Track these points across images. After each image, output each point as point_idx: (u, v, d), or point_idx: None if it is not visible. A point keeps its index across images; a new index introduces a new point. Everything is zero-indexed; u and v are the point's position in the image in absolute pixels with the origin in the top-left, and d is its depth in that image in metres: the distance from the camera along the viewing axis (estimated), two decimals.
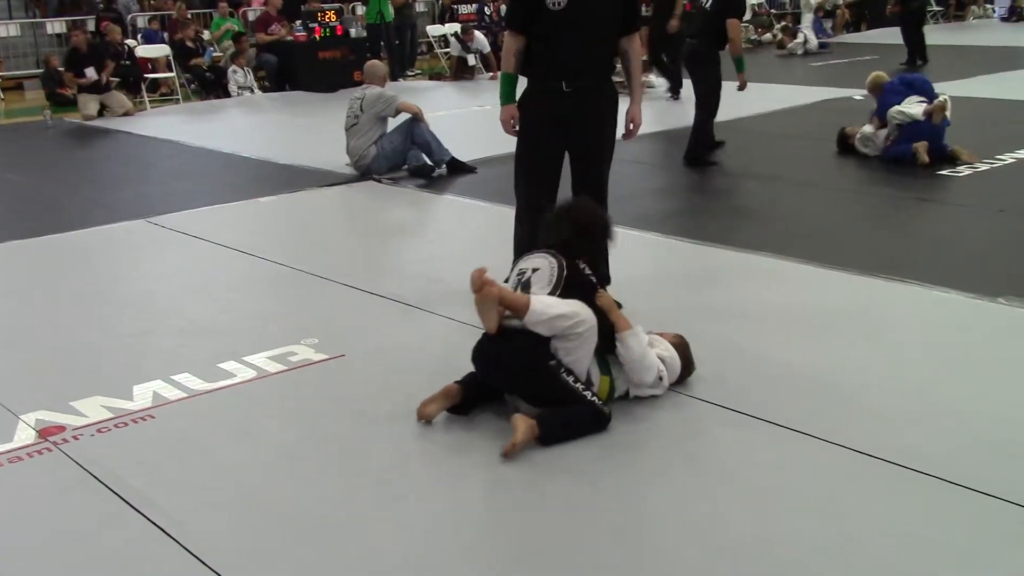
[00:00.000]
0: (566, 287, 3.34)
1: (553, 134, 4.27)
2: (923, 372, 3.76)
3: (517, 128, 4.33)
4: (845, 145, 8.11)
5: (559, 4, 4.05)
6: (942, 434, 3.25)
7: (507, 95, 4.32)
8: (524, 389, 3.32)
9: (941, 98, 7.69)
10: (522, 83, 4.35)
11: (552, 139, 4.28)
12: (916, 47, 14.74)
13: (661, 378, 3.47)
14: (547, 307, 3.23)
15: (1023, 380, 3.67)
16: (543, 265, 3.42)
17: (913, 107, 7.64)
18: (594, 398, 3.29)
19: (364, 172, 7.69)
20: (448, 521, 2.87)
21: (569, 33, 4.10)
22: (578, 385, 3.26)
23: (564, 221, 3.50)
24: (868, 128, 7.92)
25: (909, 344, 4.05)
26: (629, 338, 3.37)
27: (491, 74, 14.33)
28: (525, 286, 3.38)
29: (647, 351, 3.42)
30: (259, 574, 2.60)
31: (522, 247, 4.36)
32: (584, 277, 3.41)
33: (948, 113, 7.61)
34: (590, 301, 3.33)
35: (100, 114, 11.63)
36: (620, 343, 3.38)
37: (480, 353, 3.40)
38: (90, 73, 11.54)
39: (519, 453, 3.12)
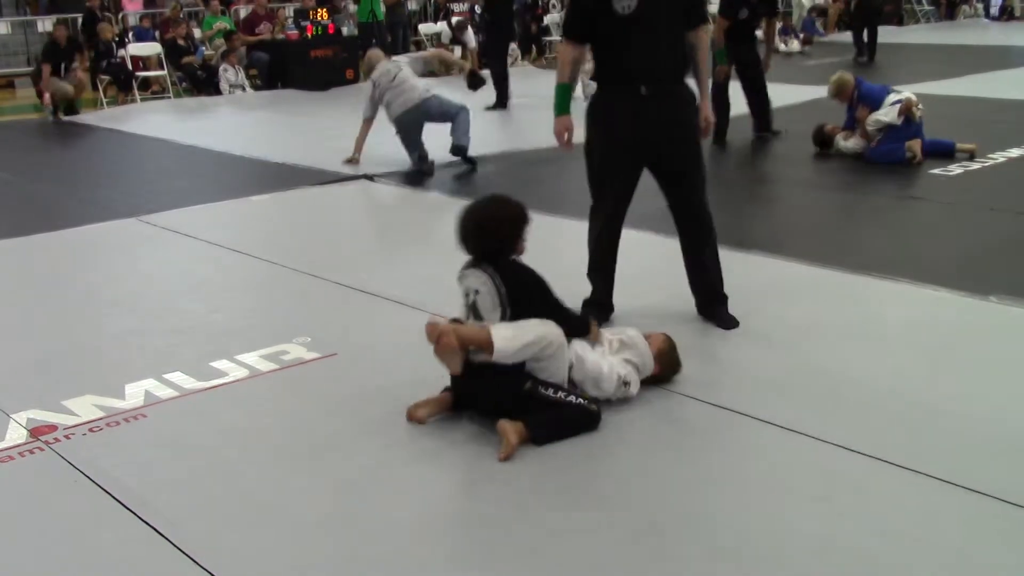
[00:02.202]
0: (513, 302, 3.27)
1: (633, 141, 4.06)
2: (914, 370, 3.77)
3: (569, 140, 4.17)
4: (824, 143, 8.12)
5: (628, 8, 3.91)
6: (934, 432, 3.26)
7: (560, 106, 4.15)
8: (508, 415, 3.22)
9: (907, 96, 7.78)
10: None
11: (632, 146, 4.08)
12: (867, 44, 15.58)
13: (627, 384, 3.41)
14: (510, 340, 3.16)
15: (1015, 379, 3.68)
16: (482, 288, 3.31)
17: (888, 113, 7.67)
18: (580, 400, 3.28)
19: (413, 110, 7.64)
20: (442, 520, 2.88)
21: (642, 35, 3.94)
22: (560, 394, 3.24)
23: (468, 225, 3.37)
24: (852, 143, 7.92)
25: (900, 342, 4.06)
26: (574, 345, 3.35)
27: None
28: (475, 310, 3.33)
29: (587, 367, 3.34)
30: (252, 572, 2.59)
31: (596, 271, 4.32)
32: (526, 279, 3.33)
33: (919, 110, 7.69)
34: (544, 300, 3.32)
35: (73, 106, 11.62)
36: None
37: (454, 390, 3.39)
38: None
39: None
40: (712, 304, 4.26)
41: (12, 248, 5.89)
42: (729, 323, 4.19)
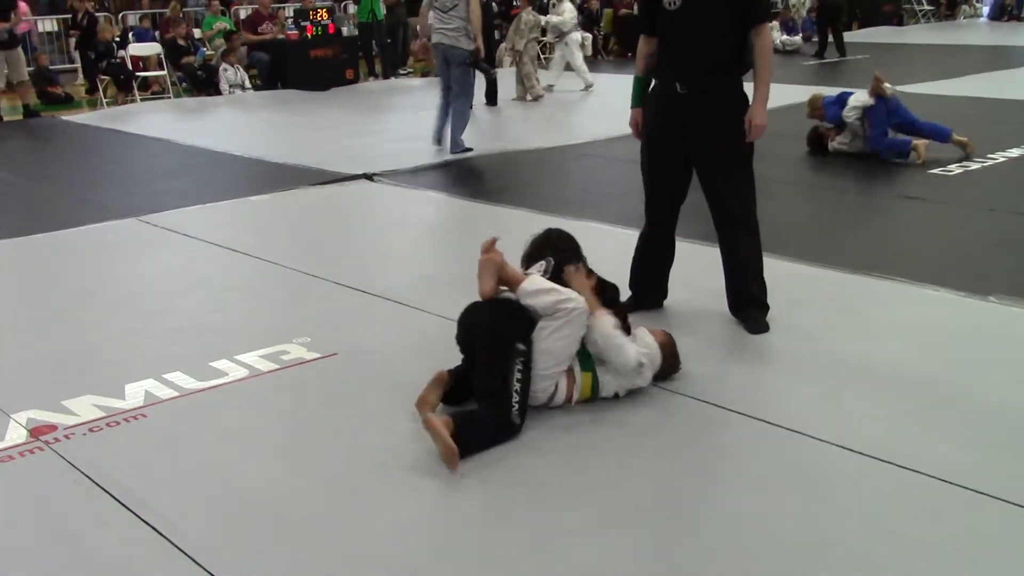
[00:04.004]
0: (556, 272, 3.50)
1: (671, 136, 4.12)
2: (914, 370, 3.77)
3: (638, 131, 4.28)
4: (818, 144, 8.15)
5: (674, 4, 3.96)
6: (934, 432, 3.26)
7: (634, 98, 4.27)
8: (482, 352, 3.34)
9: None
10: None
11: (669, 141, 4.14)
12: (835, 42, 16.23)
13: (642, 364, 3.44)
14: (540, 283, 3.37)
15: (1014, 379, 3.68)
16: (534, 268, 3.56)
17: (858, 98, 7.80)
18: (516, 404, 3.25)
19: (449, 51, 8.23)
20: (441, 519, 2.88)
21: (684, 33, 3.99)
22: (516, 387, 3.25)
23: (544, 245, 3.69)
24: (839, 140, 7.99)
25: (900, 343, 4.06)
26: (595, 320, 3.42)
27: None
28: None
29: (615, 337, 3.40)
30: (252, 573, 2.59)
31: (639, 252, 4.44)
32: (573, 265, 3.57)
33: (887, 87, 7.75)
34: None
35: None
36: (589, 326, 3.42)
37: (464, 314, 3.50)
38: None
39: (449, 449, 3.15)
40: (743, 306, 4.23)
41: (12, 248, 5.89)
42: (757, 327, 4.15)
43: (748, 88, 4.08)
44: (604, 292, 3.63)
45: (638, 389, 3.52)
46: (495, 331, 3.36)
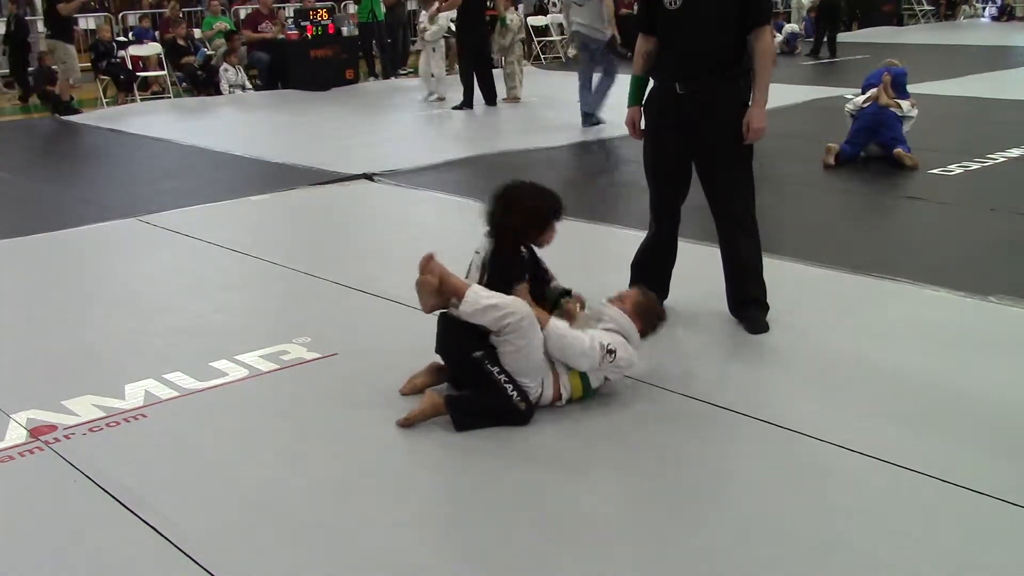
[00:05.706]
0: (491, 276, 3.46)
1: (671, 137, 4.12)
2: (914, 371, 3.77)
3: (635, 131, 4.27)
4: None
5: (675, 3, 3.95)
6: (935, 433, 3.26)
7: (631, 96, 4.27)
8: (456, 371, 3.51)
9: (885, 77, 7.81)
10: None
11: (670, 142, 4.14)
12: (828, 42, 16.51)
13: (612, 352, 3.38)
14: (478, 299, 3.32)
15: (1014, 379, 3.68)
16: (483, 248, 3.55)
17: (859, 98, 7.82)
18: (513, 392, 3.30)
19: (585, 38, 9.29)
20: (442, 519, 2.88)
21: (683, 32, 3.99)
22: (501, 377, 3.31)
23: (497, 199, 3.57)
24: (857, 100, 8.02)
25: (900, 343, 4.06)
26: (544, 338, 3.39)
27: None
28: (471, 269, 3.56)
29: (568, 342, 3.36)
30: (252, 573, 2.59)
31: (642, 251, 4.44)
32: (498, 263, 3.49)
33: (905, 107, 7.66)
34: (492, 284, 3.42)
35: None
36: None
37: (437, 331, 3.56)
38: None
39: (418, 423, 3.32)
40: (743, 305, 4.23)
41: (12, 248, 5.89)
42: (757, 327, 4.14)
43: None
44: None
45: (636, 386, 3.51)
46: (449, 349, 3.50)
